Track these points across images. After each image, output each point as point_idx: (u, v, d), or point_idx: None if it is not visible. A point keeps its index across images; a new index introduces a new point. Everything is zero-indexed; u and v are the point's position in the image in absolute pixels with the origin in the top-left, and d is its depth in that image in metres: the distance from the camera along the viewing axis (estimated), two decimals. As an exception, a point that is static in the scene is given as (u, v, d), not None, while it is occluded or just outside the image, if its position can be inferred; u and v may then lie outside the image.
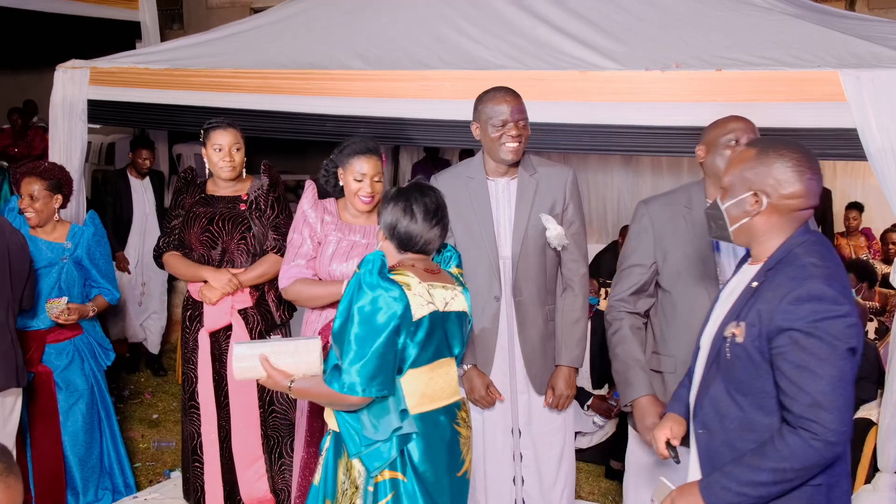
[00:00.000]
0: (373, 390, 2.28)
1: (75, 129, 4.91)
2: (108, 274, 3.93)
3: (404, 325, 2.31)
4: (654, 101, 3.63)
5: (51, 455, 3.82)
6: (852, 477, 3.92)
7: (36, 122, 9.79)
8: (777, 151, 2.10)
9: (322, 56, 4.40)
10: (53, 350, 3.83)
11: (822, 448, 1.97)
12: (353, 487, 2.40)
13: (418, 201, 2.44)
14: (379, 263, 2.31)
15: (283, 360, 2.44)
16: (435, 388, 2.46)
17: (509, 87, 3.11)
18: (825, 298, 1.97)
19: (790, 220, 2.11)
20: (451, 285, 2.50)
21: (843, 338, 1.97)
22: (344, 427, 2.40)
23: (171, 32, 10.12)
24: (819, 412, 1.96)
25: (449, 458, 2.46)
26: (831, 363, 1.97)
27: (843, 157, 3.64)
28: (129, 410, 5.41)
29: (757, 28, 3.80)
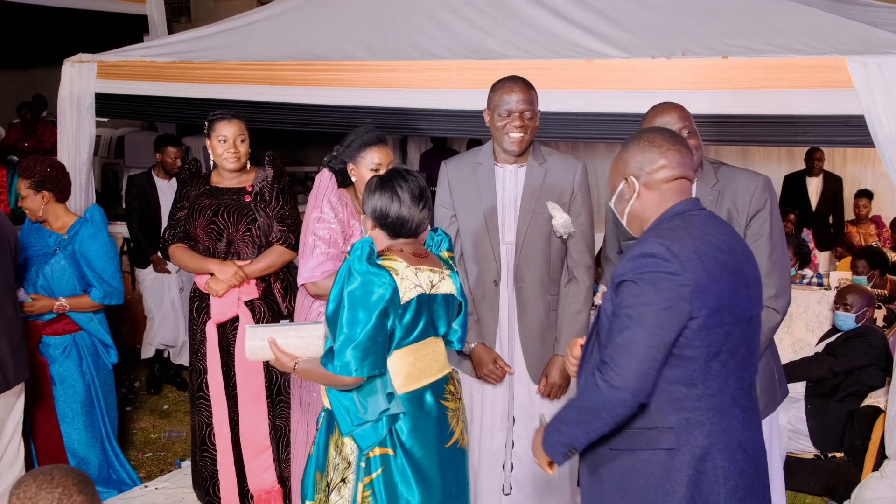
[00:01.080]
0: (365, 370, 2.39)
1: (83, 123, 4.93)
2: (101, 272, 3.83)
3: (392, 307, 2.40)
4: (660, 89, 3.61)
5: (51, 445, 3.87)
6: (860, 465, 3.93)
7: (45, 116, 9.82)
8: (634, 138, 2.22)
9: (328, 47, 4.40)
10: (52, 343, 3.85)
11: (606, 390, 2.01)
12: (345, 463, 2.53)
13: (403, 187, 2.51)
14: (368, 250, 2.40)
15: (289, 342, 2.57)
16: (421, 367, 2.56)
17: (523, 77, 3.10)
18: (657, 255, 2.01)
19: (665, 194, 2.16)
20: (438, 268, 2.58)
21: (664, 293, 1.98)
22: (336, 406, 2.52)
23: (178, 25, 10.12)
24: (617, 356, 2.01)
25: (437, 433, 2.57)
26: (646, 315, 1.99)
27: (851, 144, 3.63)
28: (140, 401, 5.45)
29: (763, 15, 3.78)
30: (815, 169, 7.18)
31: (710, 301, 2.00)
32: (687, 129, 2.76)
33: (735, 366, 2.08)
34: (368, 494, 2.50)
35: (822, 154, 7.17)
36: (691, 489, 2.04)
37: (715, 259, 2.04)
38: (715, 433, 2.06)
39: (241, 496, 3.68)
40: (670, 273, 1.99)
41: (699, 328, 2.00)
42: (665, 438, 2.06)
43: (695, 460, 2.04)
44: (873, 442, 3.91)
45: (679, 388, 2.04)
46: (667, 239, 2.04)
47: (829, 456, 4.22)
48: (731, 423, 2.08)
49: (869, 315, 4.49)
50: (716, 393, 2.06)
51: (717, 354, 2.04)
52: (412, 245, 2.57)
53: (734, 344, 2.07)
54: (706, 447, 2.05)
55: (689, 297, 1.98)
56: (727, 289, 2.04)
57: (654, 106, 2.87)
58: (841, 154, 7.64)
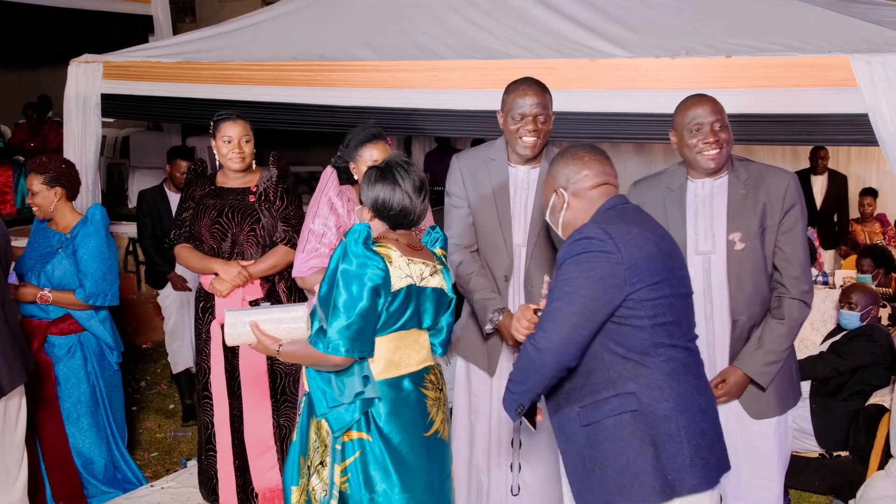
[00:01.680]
0: (356, 351, 2.43)
1: (89, 124, 4.95)
2: (91, 271, 3.78)
3: (383, 293, 2.44)
4: (664, 88, 3.62)
5: (56, 445, 3.87)
6: (865, 464, 3.92)
7: (51, 116, 9.86)
8: (558, 156, 2.45)
9: (332, 47, 4.42)
10: (57, 342, 3.86)
11: (532, 352, 2.23)
12: (322, 445, 2.58)
13: (405, 178, 2.54)
14: (365, 234, 2.45)
15: (272, 325, 2.59)
16: (401, 356, 2.59)
17: (537, 79, 3.08)
18: (594, 237, 2.20)
19: (592, 199, 2.36)
20: (430, 262, 2.62)
21: (598, 269, 2.17)
22: (313, 389, 2.56)
23: (183, 26, 10.16)
24: (545, 323, 2.23)
25: (415, 419, 2.59)
26: (578, 288, 2.18)
27: (855, 142, 3.63)
28: (146, 401, 5.47)
29: (767, 14, 3.78)
30: (819, 167, 7.17)
31: (646, 276, 2.18)
32: (719, 123, 2.79)
33: (682, 336, 2.27)
34: (345, 479, 2.53)
35: (826, 152, 7.16)
36: (657, 448, 2.19)
37: (649, 241, 2.24)
38: (674, 396, 2.22)
39: (245, 495, 3.70)
40: (605, 252, 2.17)
41: (643, 299, 2.18)
42: (628, 402, 2.21)
43: (658, 420, 2.20)
44: (878, 441, 3.91)
45: (634, 356, 2.21)
46: (603, 223, 2.24)
47: (833, 455, 4.22)
48: (687, 388, 2.25)
49: (874, 314, 4.49)
50: (668, 360, 2.23)
51: (664, 324, 2.21)
52: (407, 236, 2.60)
53: (678, 315, 2.26)
54: (668, 409, 2.21)
55: (623, 273, 2.16)
56: (664, 266, 2.24)
57: (687, 98, 2.89)
58: (846, 152, 7.63)
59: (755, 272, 2.84)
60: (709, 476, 2.23)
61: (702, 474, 2.21)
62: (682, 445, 2.19)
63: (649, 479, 2.18)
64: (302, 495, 2.66)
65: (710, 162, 2.82)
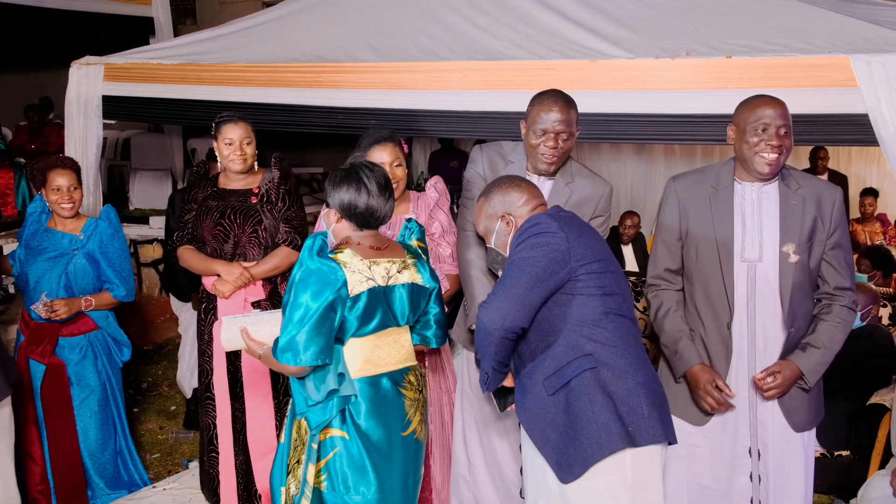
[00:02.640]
0: (308, 360, 2.44)
1: (90, 125, 4.96)
2: (120, 270, 3.88)
3: (339, 300, 2.46)
4: (664, 89, 3.63)
5: (67, 447, 3.87)
6: (867, 463, 3.93)
7: (52, 118, 9.86)
8: (491, 188, 2.73)
9: (333, 49, 4.42)
10: (67, 344, 3.86)
11: (482, 315, 2.43)
12: (300, 444, 2.63)
13: (370, 178, 2.56)
14: (319, 244, 2.48)
15: (259, 330, 2.65)
16: (380, 356, 2.61)
17: (565, 93, 3.03)
18: (540, 222, 2.47)
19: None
20: (399, 259, 2.62)
21: (544, 245, 2.41)
22: (294, 389, 2.60)
23: (183, 28, 10.16)
24: (496, 290, 2.44)
25: (392, 417, 2.61)
26: (527, 260, 2.41)
27: (855, 142, 3.63)
28: (148, 402, 5.47)
29: (767, 14, 3.79)
30: (819, 167, 7.18)
31: (588, 253, 2.43)
32: (785, 128, 2.76)
33: (628, 309, 2.50)
34: (324, 478, 2.55)
35: (826, 153, 7.17)
36: (616, 401, 2.37)
37: (587, 232, 2.52)
38: (627, 356, 2.42)
39: (248, 496, 3.70)
40: (552, 231, 2.43)
41: (590, 272, 2.41)
42: (587, 361, 2.40)
43: (616, 376, 2.39)
44: (879, 440, 3.91)
45: (588, 322, 2.41)
46: (548, 214, 2.54)
47: (835, 454, 4.23)
48: (637, 351, 2.47)
49: (874, 313, 4.49)
50: (619, 327, 2.44)
51: (612, 294, 2.44)
52: (371, 238, 2.61)
53: (624, 291, 2.49)
54: (623, 366, 2.40)
55: (568, 249, 2.40)
56: (602, 250, 2.49)
57: (757, 96, 2.85)
58: (846, 152, 7.64)
59: (805, 284, 2.83)
60: (665, 429, 2.42)
61: (658, 427, 2.38)
62: (640, 399, 2.38)
63: (616, 428, 2.35)
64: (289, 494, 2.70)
65: (766, 166, 2.77)
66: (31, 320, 3.83)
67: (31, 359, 3.83)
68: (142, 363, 6.03)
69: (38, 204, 3.95)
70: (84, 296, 3.81)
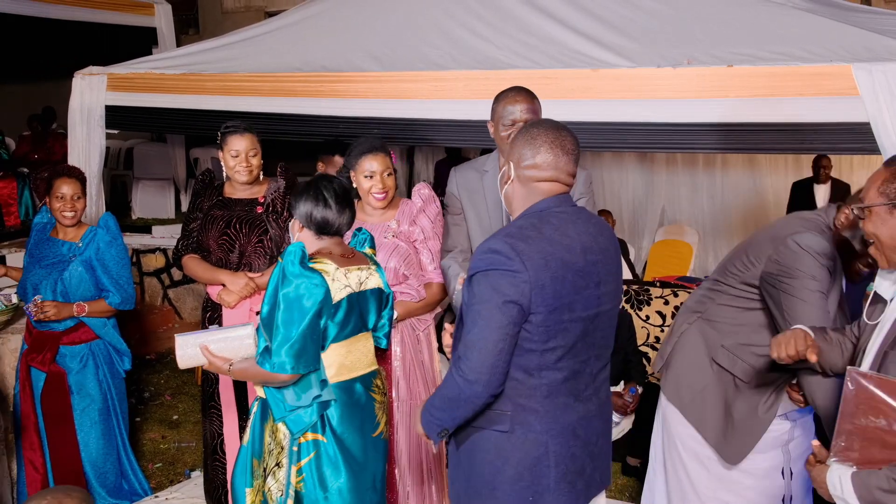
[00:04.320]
0: (300, 368, 2.55)
1: (93, 135, 4.98)
2: (117, 277, 3.86)
3: (325, 308, 2.56)
4: (666, 97, 3.64)
5: (68, 455, 3.86)
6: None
7: (55, 128, 9.90)
8: (526, 129, 2.30)
9: (335, 58, 4.44)
10: (68, 353, 3.86)
11: (462, 383, 2.14)
12: (278, 448, 2.69)
13: (328, 189, 2.69)
14: (300, 254, 2.55)
15: (221, 346, 2.70)
16: (352, 360, 2.73)
17: (526, 87, 3.09)
18: (501, 253, 2.12)
19: (532, 191, 2.25)
20: (365, 266, 2.75)
21: (502, 289, 2.09)
22: (270, 394, 2.66)
23: (186, 38, 10.21)
24: (468, 352, 2.13)
25: (364, 421, 2.73)
26: (488, 310, 2.11)
27: (857, 151, 3.64)
28: (150, 412, 5.47)
29: (768, 23, 3.80)
30: (822, 176, 7.18)
31: (549, 299, 2.12)
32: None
33: (571, 360, 2.21)
34: (301, 479, 2.66)
35: (828, 161, 7.18)
36: (521, 469, 2.20)
37: (560, 260, 2.14)
38: (548, 420, 2.20)
39: None
40: (512, 270, 2.09)
41: (538, 324, 2.12)
42: (501, 421, 2.21)
43: (527, 444, 2.20)
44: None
45: (518, 374, 2.17)
46: (513, 238, 2.14)
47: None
48: (565, 412, 2.23)
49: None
50: (550, 383, 2.19)
51: (554, 349, 2.16)
52: (340, 246, 2.74)
53: (571, 340, 2.19)
54: (539, 432, 2.20)
55: (529, 293, 2.10)
56: (569, 288, 2.15)
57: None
58: (848, 161, 7.64)
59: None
60: (575, 498, 2.26)
61: (566, 498, 2.23)
62: (548, 469, 2.20)
63: (506, 499, 2.21)
64: (257, 496, 2.76)
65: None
66: (34, 328, 3.84)
67: (31, 367, 3.84)
68: (144, 372, 6.03)
69: (44, 215, 3.97)
70: (73, 302, 3.81)
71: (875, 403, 1.91)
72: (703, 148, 4.01)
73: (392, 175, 3.35)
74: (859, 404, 1.94)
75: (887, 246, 2.08)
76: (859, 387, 1.95)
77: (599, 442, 2.32)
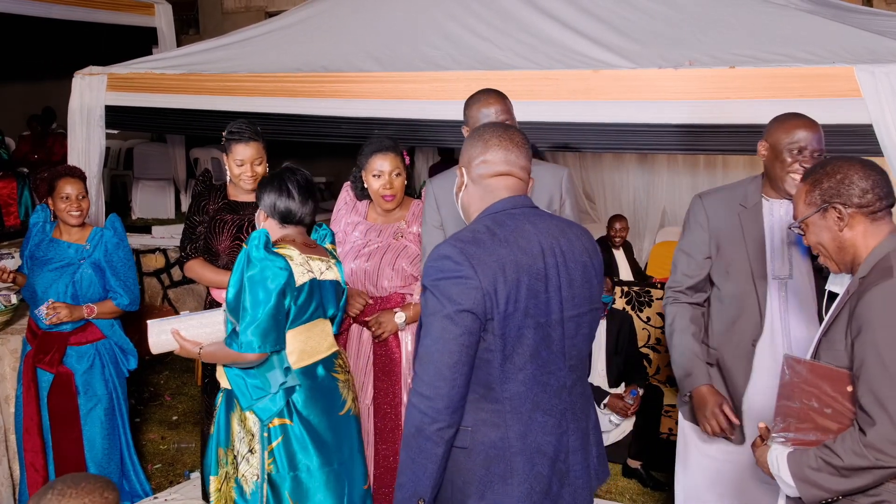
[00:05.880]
0: (267, 346, 2.65)
1: (93, 135, 4.96)
2: (125, 279, 3.87)
3: (289, 289, 2.68)
4: (667, 99, 3.63)
5: (72, 457, 3.85)
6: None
7: (55, 128, 9.89)
8: (473, 132, 2.24)
9: (336, 58, 4.43)
10: (75, 353, 3.85)
11: (418, 401, 2.01)
12: (249, 435, 2.80)
13: (291, 180, 2.82)
14: (264, 239, 2.66)
15: (192, 331, 2.82)
16: (312, 345, 2.84)
17: (496, 89, 3.04)
18: (450, 258, 2.00)
19: (487, 189, 2.16)
20: (325, 258, 2.87)
21: (455, 298, 1.98)
22: (235, 385, 2.76)
23: (186, 38, 10.20)
24: (421, 366, 2.01)
25: (329, 401, 2.84)
26: (439, 322, 1.99)
27: (860, 153, 3.62)
28: (149, 412, 5.46)
29: (770, 24, 3.79)
30: (823, 178, 7.17)
31: (501, 304, 2.00)
32: (819, 151, 2.70)
33: (536, 370, 2.07)
34: (271, 462, 2.77)
35: (830, 163, 7.16)
36: (482, 488, 2.06)
37: (515, 263, 2.03)
38: (511, 436, 2.06)
39: None
40: (463, 277, 1.98)
41: (494, 332, 2.01)
42: (461, 437, 2.06)
43: (488, 461, 2.06)
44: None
45: (478, 388, 2.05)
46: (464, 242, 2.04)
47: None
48: (530, 427, 2.08)
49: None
50: (513, 396, 2.06)
51: (512, 357, 2.04)
52: (302, 236, 2.87)
53: (533, 348, 2.06)
54: (501, 448, 2.06)
55: (482, 300, 1.98)
56: (525, 292, 2.03)
57: (793, 115, 2.77)
58: (849, 163, 7.63)
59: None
60: None
61: None
62: (511, 487, 2.06)
63: None
64: (223, 484, 2.87)
65: (795, 187, 2.75)
66: (39, 329, 3.82)
67: (38, 368, 3.83)
68: (144, 373, 6.01)
69: (40, 214, 3.94)
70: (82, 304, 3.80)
71: (808, 387, 2.05)
72: (704, 149, 4.01)
73: (402, 175, 3.34)
74: (794, 388, 2.07)
75: (832, 249, 2.14)
76: (794, 372, 2.07)
77: (570, 459, 2.16)
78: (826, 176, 2.13)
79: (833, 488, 1.98)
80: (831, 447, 1.98)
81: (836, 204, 2.10)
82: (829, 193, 2.11)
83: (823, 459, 1.98)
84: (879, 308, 1.96)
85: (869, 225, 2.09)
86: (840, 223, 2.10)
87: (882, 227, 2.10)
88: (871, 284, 2.01)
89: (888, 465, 1.90)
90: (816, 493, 2.00)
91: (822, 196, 2.12)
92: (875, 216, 2.09)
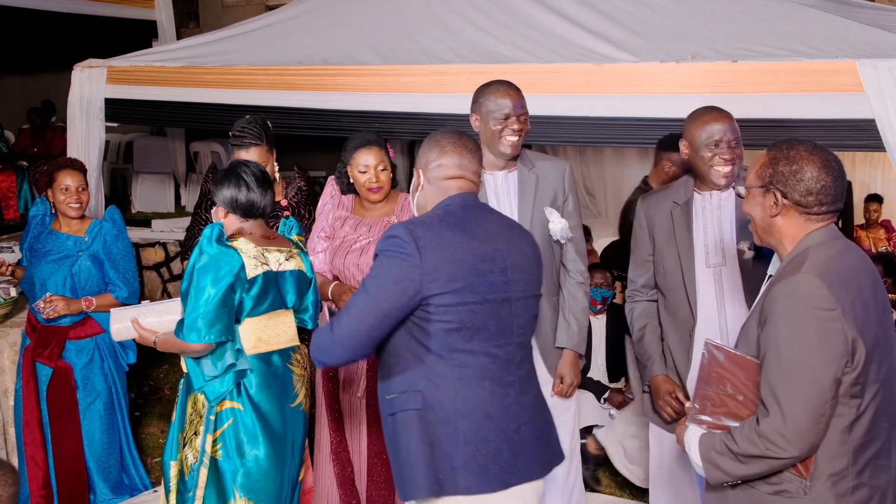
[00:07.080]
0: (212, 337, 2.70)
1: (93, 128, 4.95)
2: (124, 271, 3.86)
3: (239, 282, 2.71)
4: (669, 93, 3.62)
5: (72, 452, 3.85)
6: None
7: (54, 121, 9.87)
8: (430, 137, 2.46)
9: (336, 52, 4.42)
10: (74, 347, 3.85)
11: (327, 337, 2.30)
12: (197, 417, 2.85)
13: (247, 173, 2.84)
14: (217, 232, 2.71)
15: (150, 319, 2.89)
16: (270, 335, 2.87)
17: (510, 80, 3.07)
18: (399, 237, 2.23)
19: (442, 190, 2.38)
20: (286, 249, 2.90)
21: (394, 270, 2.20)
22: (190, 366, 2.83)
23: (186, 31, 10.16)
24: (344, 314, 2.27)
25: (282, 390, 2.87)
26: (374, 287, 2.23)
27: (861, 147, 3.63)
28: (149, 406, 5.46)
29: (773, 18, 3.78)
30: (824, 173, 7.16)
31: (445, 282, 2.21)
32: (735, 140, 2.81)
33: (482, 342, 2.27)
34: (219, 447, 2.79)
35: (831, 158, 7.16)
36: (432, 448, 2.25)
37: (462, 245, 2.25)
38: (459, 400, 2.25)
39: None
40: (405, 254, 2.20)
41: (439, 304, 2.21)
42: (414, 400, 2.27)
43: (438, 422, 2.25)
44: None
45: (429, 357, 2.25)
46: (414, 224, 2.28)
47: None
48: (478, 394, 2.27)
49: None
50: (461, 365, 2.26)
51: (460, 330, 2.23)
52: (261, 228, 2.88)
53: (481, 322, 2.26)
54: (449, 411, 2.25)
55: (420, 277, 2.19)
56: (473, 272, 2.24)
57: (703, 110, 2.87)
58: (850, 158, 7.61)
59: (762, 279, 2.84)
60: (488, 481, 2.25)
61: (476, 478, 2.24)
62: (457, 448, 2.24)
63: (420, 476, 2.26)
64: (181, 468, 2.91)
65: (722, 179, 2.83)
66: (38, 323, 3.82)
67: (37, 362, 3.82)
68: (143, 367, 6.01)
69: (40, 207, 3.94)
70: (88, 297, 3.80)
71: (724, 374, 2.12)
72: (705, 144, 3.99)
73: (387, 170, 3.33)
74: (712, 373, 2.13)
75: (760, 226, 2.20)
76: (712, 357, 2.14)
77: (522, 430, 2.32)
78: (785, 160, 2.12)
79: (732, 472, 2.05)
80: (733, 433, 2.05)
81: (778, 191, 2.10)
82: (778, 178, 2.10)
83: (725, 444, 2.04)
84: (782, 302, 1.99)
85: (802, 222, 2.10)
86: (774, 209, 2.12)
87: (814, 225, 2.10)
88: (781, 278, 2.05)
89: (776, 456, 1.96)
90: (719, 475, 2.07)
91: (771, 176, 2.12)
92: (810, 217, 2.09)
